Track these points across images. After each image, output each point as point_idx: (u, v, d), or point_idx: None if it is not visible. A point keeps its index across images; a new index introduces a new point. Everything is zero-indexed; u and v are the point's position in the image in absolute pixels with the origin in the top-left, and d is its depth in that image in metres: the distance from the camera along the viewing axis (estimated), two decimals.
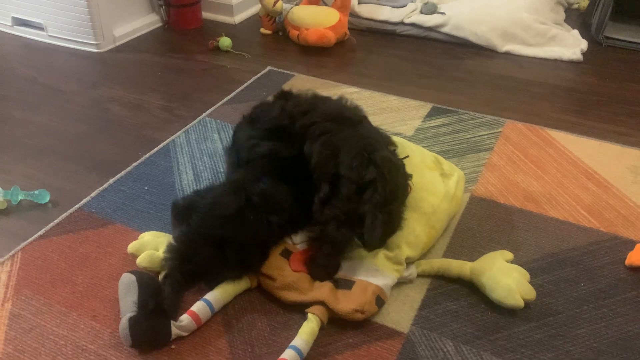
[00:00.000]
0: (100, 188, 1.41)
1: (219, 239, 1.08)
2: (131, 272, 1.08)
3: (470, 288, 1.14)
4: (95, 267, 1.18)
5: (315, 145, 1.16)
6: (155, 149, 1.57)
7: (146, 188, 1.42)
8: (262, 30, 2.35)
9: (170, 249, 1.11)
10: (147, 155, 1.55)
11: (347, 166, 1.11)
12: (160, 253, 1.15)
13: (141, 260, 1.14)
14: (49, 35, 2.22)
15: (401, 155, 1.25)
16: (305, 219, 1.17)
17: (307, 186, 1.16)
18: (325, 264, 1.13)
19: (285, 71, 2.03)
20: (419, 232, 1.18)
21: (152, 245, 1.16)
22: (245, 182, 1.15)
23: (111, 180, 1.44)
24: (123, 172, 1.47)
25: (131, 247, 1.17)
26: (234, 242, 1.08)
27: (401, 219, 1.15)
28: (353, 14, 2.37)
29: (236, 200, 1.11)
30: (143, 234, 1.20)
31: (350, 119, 1.23)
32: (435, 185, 1.27)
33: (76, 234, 1.27)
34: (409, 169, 1.25)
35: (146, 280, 1.06)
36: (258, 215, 1.10)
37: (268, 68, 2.05)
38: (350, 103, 1.32)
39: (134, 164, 1.51)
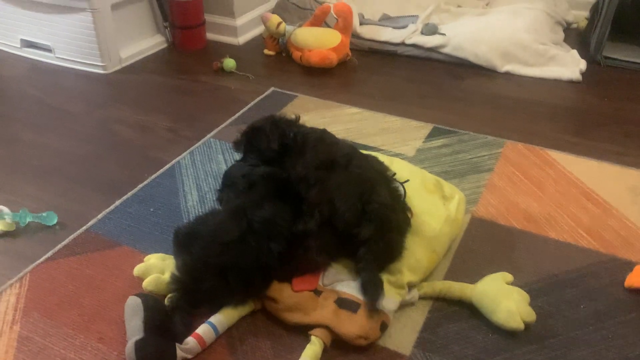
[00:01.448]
0: (107, 210, 1.44)
1: (222, 266, 1.10)
2: (137, 295, 1.10)
3: (472, 310, 1.15)
4: (101, 290, 1.20)
5: (311, 195, 1.18)
6: (161, 170, 1.59)
7: (152, 210, 1.44)
8: (266, 51, 2.39)
9: (174, 280, 1.12)
10: (153, 176, 1.57)
11: (342, 221, 1.14)
12: (166, 277, 1.16)
13: (147, 284, 1.16)
14: (56, 57, 2.26)
15: (401, 180, 1.28)
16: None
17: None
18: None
19: (288, 92, 2.06)
20: (420, 257, 1.19)
21: (158, 269, 1.18)
22: (245, 207, 1.17)
23: (117, 202, 1.47)
24: (129, 194, 1.50)
25: (137, 269, 1.19)
26: (236, 269, 1.10)
27: (401, 248, 1.17)
28: (355, 35, 2.41)
29: (238, 226, 1.13)
30: (149, 256, 1.23)
31: (339, 163, 1.24)
32: (436, 209, 1.29)
33: (83, 256, 1.29)
34: (409, 193, 1.28)
35: (152, 303, 1.08)
36: (259, 241, 1.12)
37: (271, 89, 2.09)
38: (333, 139, 1.35)
39: (140, 185, 1.53)
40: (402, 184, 1.29)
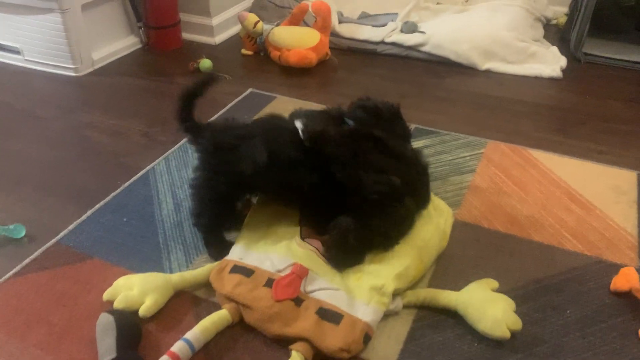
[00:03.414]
0: (78, 220, 1.38)
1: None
2: (109, 311, 1.05)
3: (456, 319, 1.12)
4: (72, 306, 1.15)
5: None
6: (135, 177, 1.54)
7: (125, 219, 1.39)
8: (243, 51, 2.34)
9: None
10: (127, 184, 1.52)
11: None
12: (135, 292, 1.12)
13: (118, 304, 1.11)
14: (25, 60, 2.19)
15: None
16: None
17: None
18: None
19: (267, 93, 2.02)
20: (408, 265, 1.17)
21: (126, 287, 1.13)
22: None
23: (89, 212, 1.41)
24: (102, 203, 1.44)
25: (106, 294, 1.14)
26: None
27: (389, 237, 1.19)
28: (334, 34, 2.37)
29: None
30: (116, 281, 1.17)
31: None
32: (427, 219, 1.27)
33: (53, 270, 1.24)
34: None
35: (125, 321, 1.04)
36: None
37: (249, 90, 2.04)
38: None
39: (113, 194, 1.48)
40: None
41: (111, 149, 1.69)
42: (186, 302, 1.16)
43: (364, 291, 1.11)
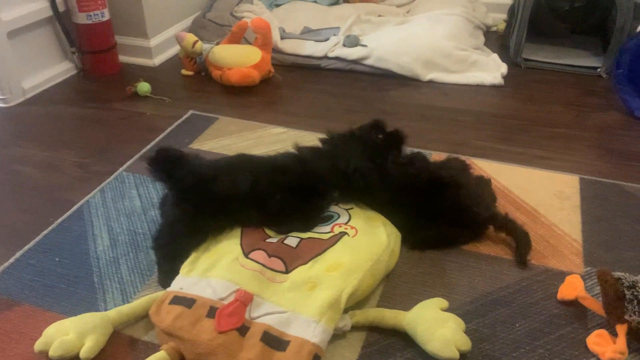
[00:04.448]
0: (5, 264, 1.29)
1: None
2: None
3: (406, 341, 1.09)
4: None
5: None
6: (68, 213, 1.46)
7: (57, 259, 1.31)
8: (184, 71, 2.28)
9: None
10: (59, 220, 1.44)
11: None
12: (71, 336, 1.05)
13: (54, 352, 1.03)
14: None
15: (346, 207, 1.34)
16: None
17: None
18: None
19: (208, 114, 1.96)
20: (362, 278, 1.14)
21: (61, 333, 1.06)
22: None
23: (18, 254, 1.32)
24: (32, 243, 1.36)
25: (38, 344, 1.05)
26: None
27: None
28: (277, 51, 2.34)
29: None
30: (46, 330, 1.09)
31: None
32: (379, 235, 1.26)
33: None
34: (355, 216, 1.32)
35: None
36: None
37: (190, 112, 1.98)
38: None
39: (45, 232, 1.39)
40: (347, 210, 1.33)
41: (44, 183, 1.61)
42: (123, 346, 1.09)
43: (315, 307, 1.07)
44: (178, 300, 1.11)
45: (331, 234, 1.26)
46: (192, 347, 1.03)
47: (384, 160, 1.35)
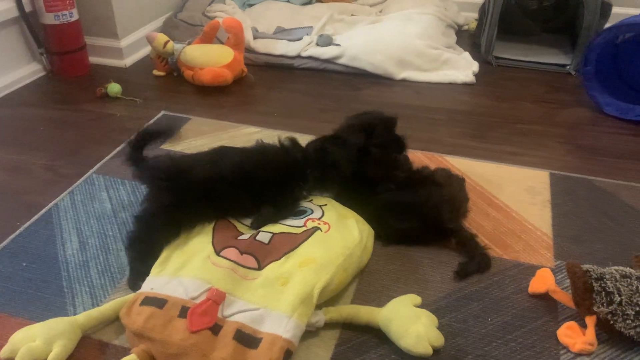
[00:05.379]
0: None
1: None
2: None
3: (380, 337, 1.09)
4: None
5: None
6: (36, 217, 1.43)
7: (24, 264, 1.28)
8: (155, 72, 2.26)
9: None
10: (27, 224, 1.40)
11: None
12: (38, 343, 1.02)
13: (21, 359, 1.01)
14: None
15: (319, 203, 1.32)
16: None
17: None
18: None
19: (180, 115, 1.94)
20: (334, 273, 1.13)
21: (27, 339, 1.03)
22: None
23: None
24: None
25: (4, 352, 1.03)
26: None
27: None
28: (250, 50, 2.33)
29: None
30: (12, 335, 1.06)
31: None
32: (351, 230, 1.26)
33: None
34: (328, 212, 1.31)
35: None
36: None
37: (162, 113, 1.96)
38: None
39: (11, 237, 1.36)
40: (321, 207, 1.32)
41: (11, 187, 1.57)
42: (93, 350, 1.07)
43: (287, 303, 1.06)
44: (149, 301, 1.09)
45: (304, 229, 1.25)
46: (164, 348, 1.01)
47: (365, 156, 1.36)
